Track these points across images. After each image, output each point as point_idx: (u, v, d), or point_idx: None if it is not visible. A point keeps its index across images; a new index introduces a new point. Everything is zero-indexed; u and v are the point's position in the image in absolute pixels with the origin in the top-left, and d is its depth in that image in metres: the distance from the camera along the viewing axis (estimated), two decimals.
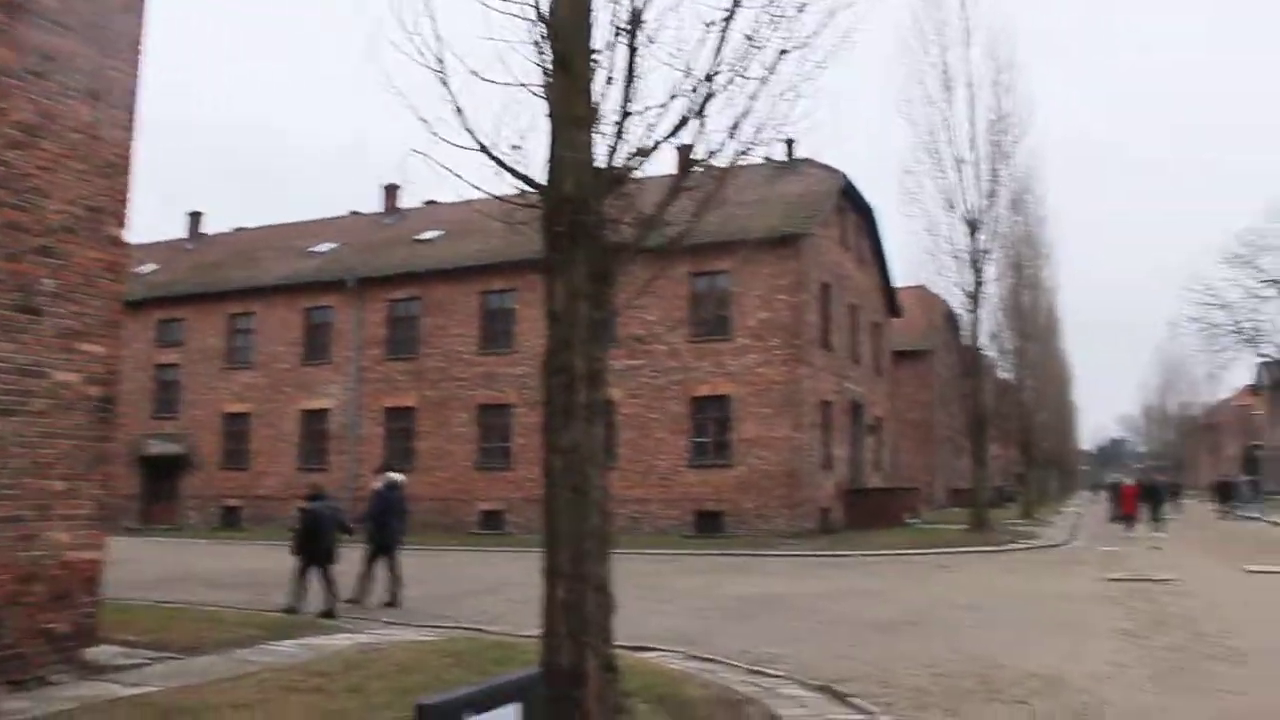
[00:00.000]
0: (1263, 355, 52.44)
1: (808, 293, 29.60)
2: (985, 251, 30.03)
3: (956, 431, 45.41)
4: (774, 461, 28.56)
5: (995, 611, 13.90)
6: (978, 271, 29.82)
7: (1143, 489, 37.91)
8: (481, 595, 16.39)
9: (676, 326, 29.27)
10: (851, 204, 35.13)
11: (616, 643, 6.46)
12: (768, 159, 34.09)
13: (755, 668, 9.52)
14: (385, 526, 15.31)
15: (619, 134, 6.39)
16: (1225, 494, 47.15)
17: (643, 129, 6.52)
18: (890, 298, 39.92)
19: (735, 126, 6.66)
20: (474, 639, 10.47)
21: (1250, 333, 49.92)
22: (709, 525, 28.74)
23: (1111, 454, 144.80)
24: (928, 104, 29.74)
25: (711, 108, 6.61)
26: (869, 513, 31.44)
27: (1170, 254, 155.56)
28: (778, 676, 9.12)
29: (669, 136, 6.59)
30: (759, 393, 28.89)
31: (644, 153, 6.55)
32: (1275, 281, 48.37)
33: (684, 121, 6.62)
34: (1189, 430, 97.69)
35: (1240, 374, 76.40)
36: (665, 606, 14.44)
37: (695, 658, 10.07)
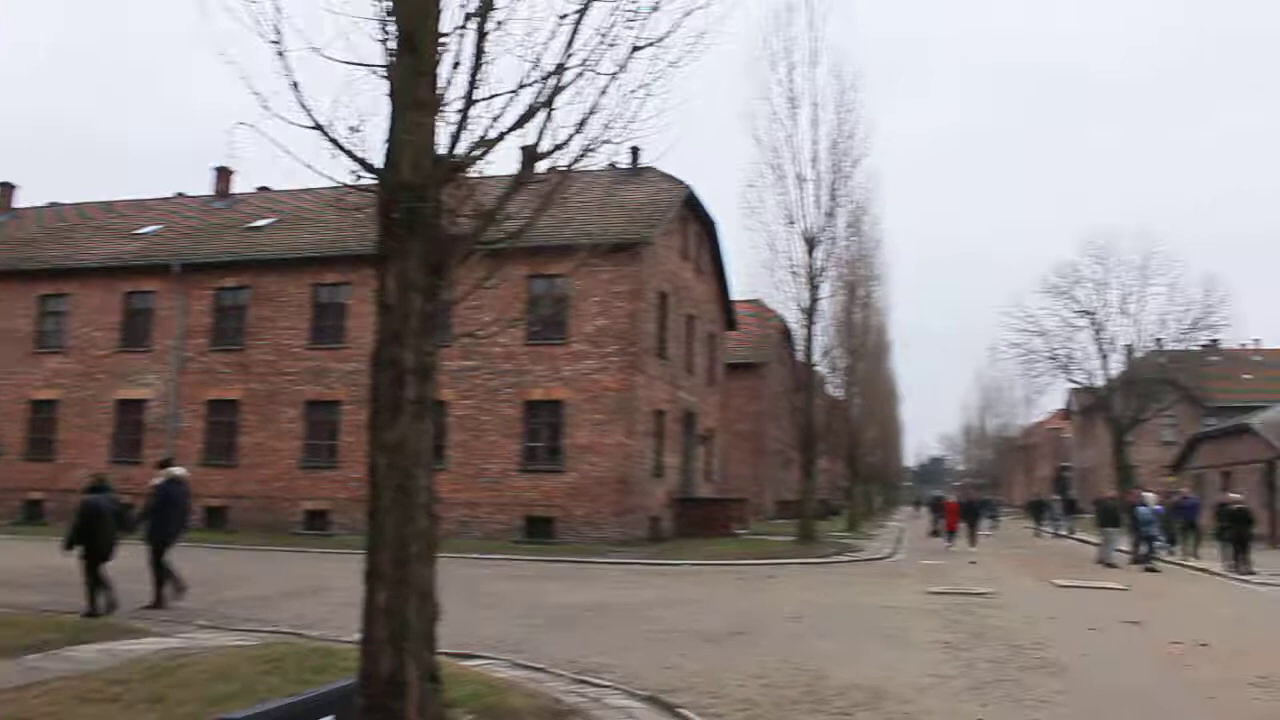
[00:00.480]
0: (1074, 381, 55.11)
1: (646, 301, 29.65)
2: (822, 269, 30.53)
3: (786, 444, 46.24)
4: (606, 468, 28.49)
5: (821, 622, 14.04)
6: (814, 288, 30.29)
7: (963, 506, 39.05)
8: (303, 598, 15.83)
9: (512, 327, 28.98)
10: (694, 214, 35.38)
11: (441, 650, 6.19)
12: (613, 165, 34.24)
13: (582, 677, 9.35)
14: (165, 523, 14.50)
15: (463, 122, 6.14)
16: (1039, 512, 49.15)
17: (488, 119, 6.30)
18: (727, 310, 40.35)
19: (583, 122, 6.49)
20: (292, 644, 10.00)
21: (1064, 359, 52.47)
22: (539, 531, 28.48)
23: (932, 471, 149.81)
24: (773, 120, 30.13)
25: (560, 101, 6.43)
26: (699, 522, 31.65)
27: (996, 278, 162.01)
28: (605, 686, 8.97)
29: (515, 128, 6.38)
30: (593, 399, 28.80)
31: (488, 143, 6.32)
32: (1088, 312, 50.91)
33: (531, 113, 6.42)
34: (1005, 450, 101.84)
35: (1054, 398, 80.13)
36: (492, 613, 14.19)
37: (522, 666, 9.85)
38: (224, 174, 39.80)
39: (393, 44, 6.04)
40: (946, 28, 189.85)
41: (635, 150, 34.08)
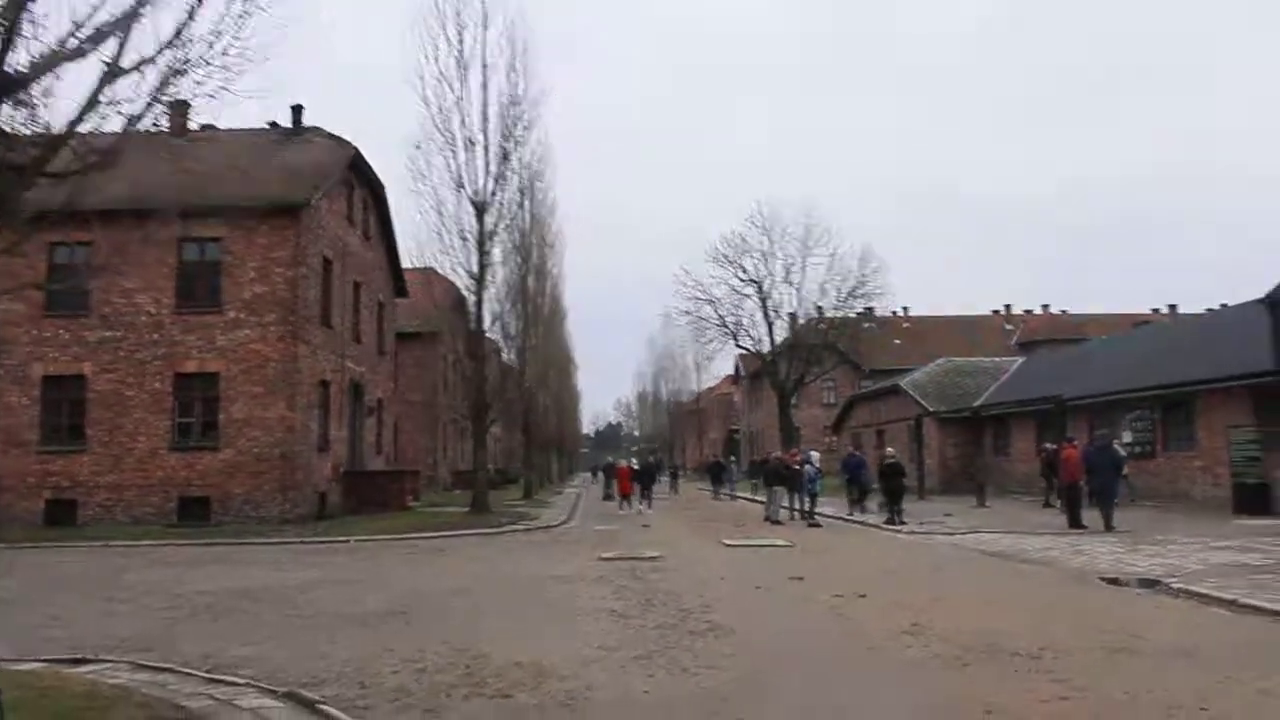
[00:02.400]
0: (742, 347, 57.09)
1: (308, 266, 28.11)
2: (492, 234, 29.99)
3: (460, 414, 45.39)
4: (266, 444, 26.87)
5: (488, 596, 13.46)
6: (484, 254, 29.71)
7: (636, 470, 39.77)
8: None
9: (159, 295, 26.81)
10: (361, 178, 33.91)
11: (50, 657, 5.12)
12: (273, 124, 32.32)
13: (216, 675, 8.31)
14: None
15: (12, 29, 5.03)
16: (716, 475, 50.58)
17: (64, 28, 5.22)
18: (397, 277, 39.05)
19: (176, 36, 5.51)
20: None
21: (733, 327, 54.23)
22: (194, 512, 26.52)
23: (610, 438, 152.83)
24: (442, 81, 29.20)
25: (148, 11, 5.43)
26: (369, 496, 30.51)
27: (669, 250, 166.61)
28: (240, 684, 7.99)
29: (93, 40, 5.33)
30: (251, 370, 27.06)
31: (59, 57, 5.24)
32: (755, 282, 52.81)
33: (120, 22, 5.38)
34: (679, 415, 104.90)
35: (724, 364, 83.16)
36: (129, 606, 12.82)
37: (147, 667, 8.67)
38: None
39: None
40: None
41: (297, 109, 32.33)
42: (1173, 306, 77.84)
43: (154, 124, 5.65)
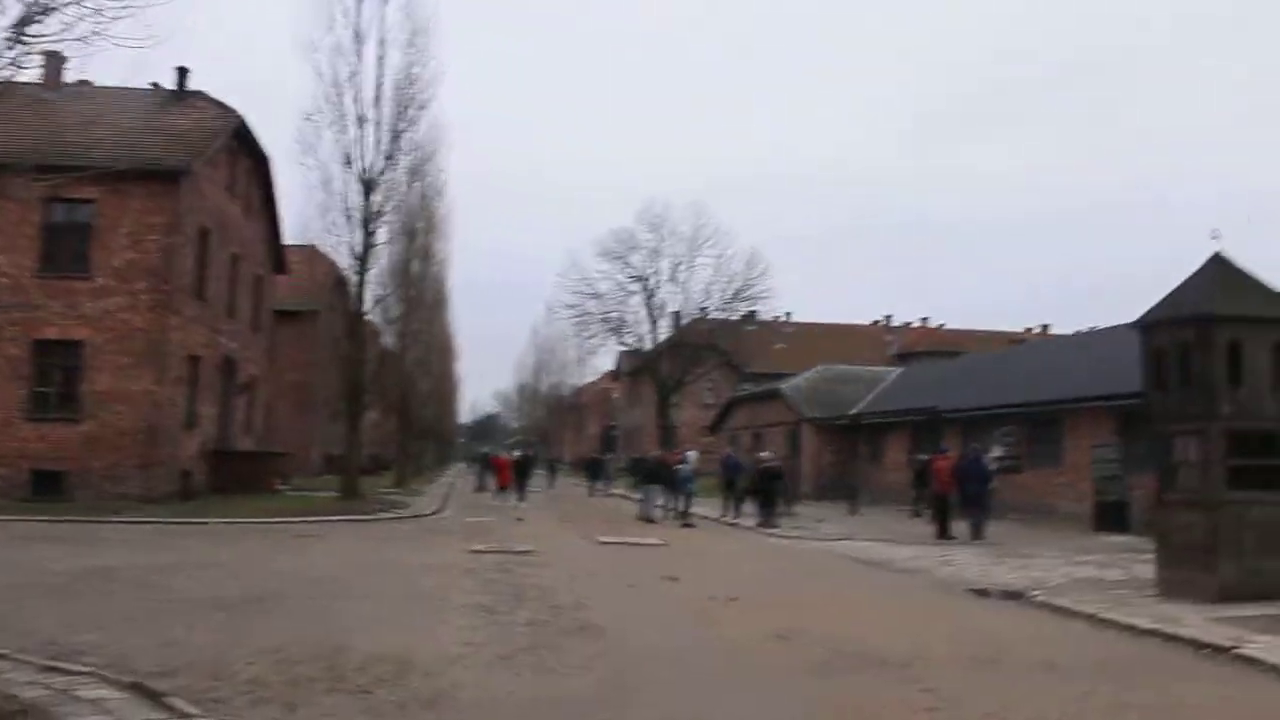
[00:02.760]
0: (624, 344, 57.17)
1: (184, 235, 27.15)
2: (379, 214, 29.31)
3: (337, 396, 44.46)
4: (131, 418, 25.85)
5: (355, 586, 13.07)
6: (369, 233, 29.04)
7: (515, 462, 39.56)
8: None
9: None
10: (245, 148, 32.90)
11: None
12: (155, 85, 31.13)
13: (56, 663, 7.82)
14: None
15: None
16: (593, 470, 50.25)
17: None
18: (278, 252, 38.02)
19: None
20: None
21: (616, 322, 54.27)
22: (48, 487, 25.29)
23: (487, 428, 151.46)
24: (336, 54, 28.42)
25: None
26: (237, 477, 29.59)
27: (560, 238, 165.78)
28: (82, 673, 7.52)
29: None
30: (118, 340, 26.01)
31: None
32: (641, 278, 52.92)
33: None
34: (557, 409, 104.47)
35: (605, 359, 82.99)
36: None
37: None
38: None
39: None
40: None
41: (182, 71, 31.22)
42: (1045, 326, 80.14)
43: (15, 67, 5.21)
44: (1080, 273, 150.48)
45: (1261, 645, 9.87)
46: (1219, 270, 13.60)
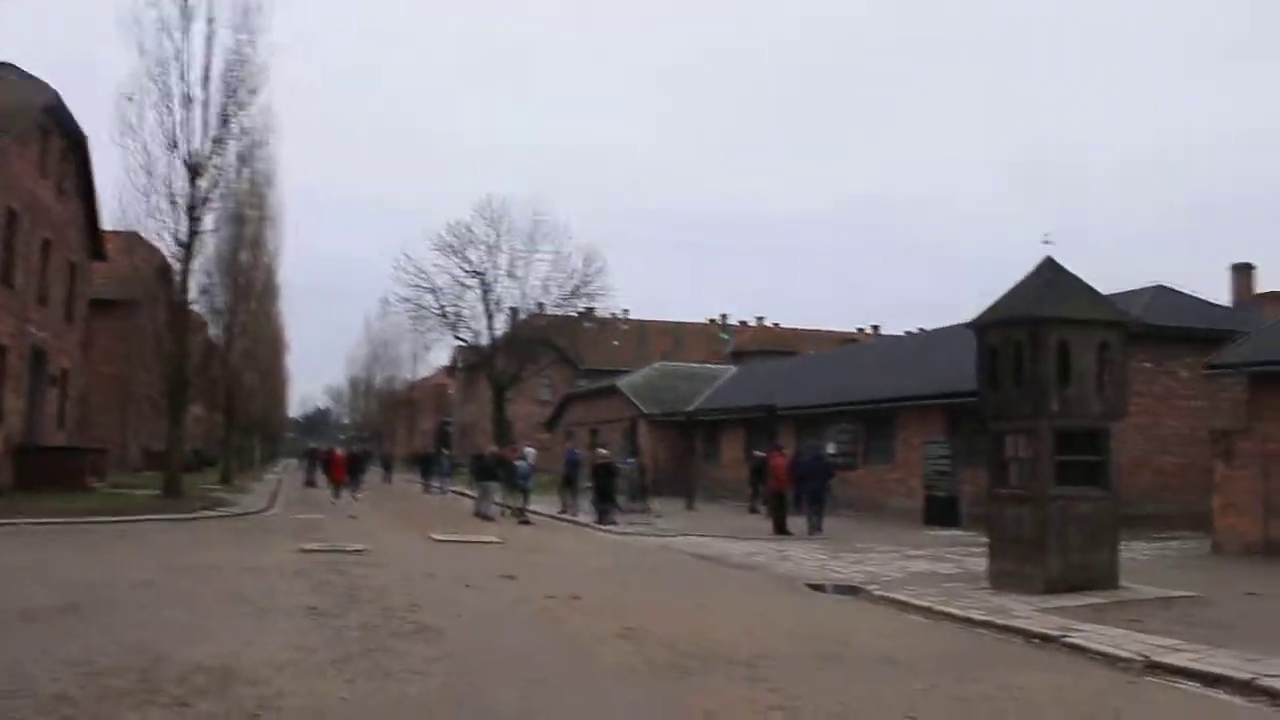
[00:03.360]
0: (460, 339, 56.27)
1: None
2: (205, 200, 27.99)
3: (158, 391, 42.58)
4: None
5: (174, 590, 12.31)
6: (194, 221, 27.70)
7: (349, 458, 38.94)
8: None
9: None
10: (60, 126, 31.04)
11: None
12: None
13: None
14: None
15: None
16: (425, 467, 49.23)
17: None
18: (95, 239, 36.04)
19: None
20: None
21: (453, 317, 53.33)
22: None
23: (318, 423, 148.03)
24: (162, 31, 27.02)
25: None
26: (47, 475, 27.85)
27: (390, 235, 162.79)
28: None
29: None
30: None
31: None
32: (478, 273, 52.16)
33: None
34: (391, 404, 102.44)
35: (441, 354, 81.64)
36: None
37: None
38: None
39: None
40: None
41: None
42: (875, 327, 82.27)
43: None
44: (907, 275, 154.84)
45: (1086, 633, 10.28)
46: (1050, 274, 14.00)
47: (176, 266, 28.95)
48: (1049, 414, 13.12)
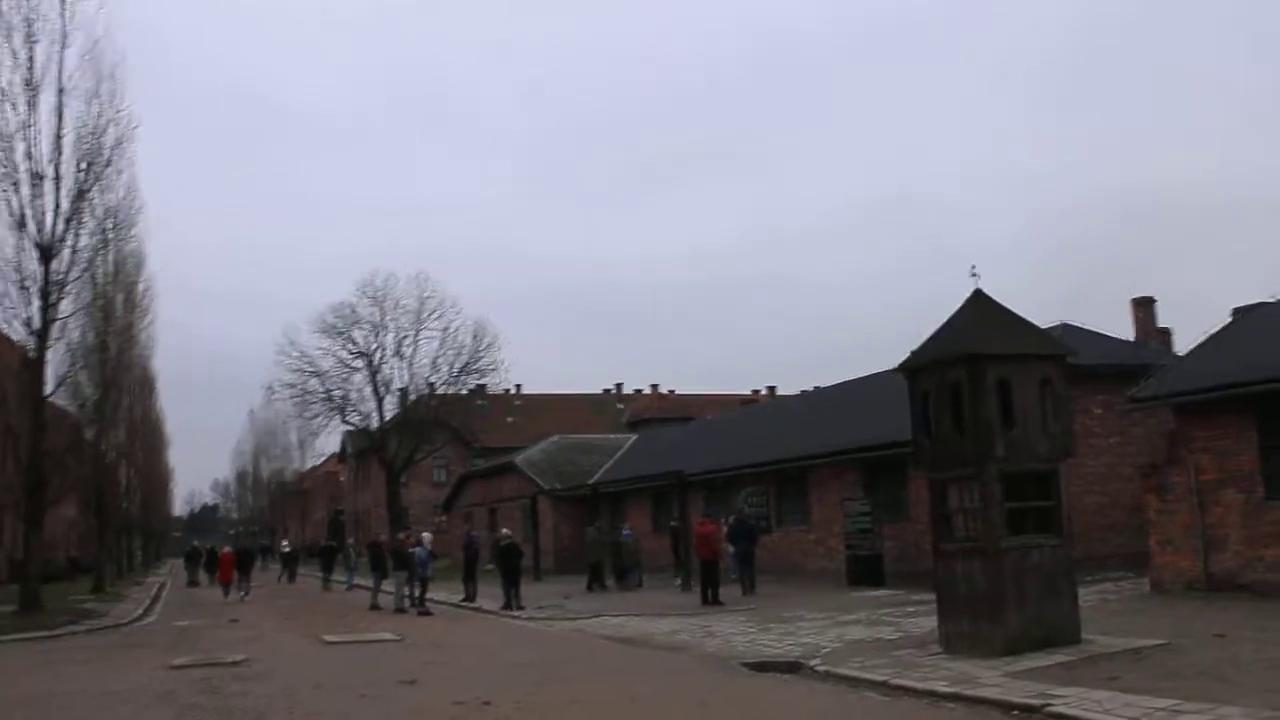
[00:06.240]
0: (349, 423, 54.25)
1: None
2: (61, 284, 25.84)
3: (18, 490, 39.67)
4: None
5: None
6: (49, 306, 25.52)
7: (238, 555, 37.13)
8: None
9: None
10: None
11: None
12: None
13: None
14: None
15: None
16: (326, 560, 45.06)
17: None
18: None
19: None
20: None
21: (340, 401, 51.39)
22: None
23: (206, 520, 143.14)
24: (4, 101, 24.98)
25: None
26: None
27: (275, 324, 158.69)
28: None
29: None
30: None
31: None
32: (364, 354, 50.40)
33: None
34: (281, 496, 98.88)
35: (330, 441, 78.89)
36: None
37: None
38: None
39: None
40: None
41: None
42: (772, 388, 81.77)
43: None
44: (798, 335, 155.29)
45: (1069, 699, 9.22)
46: (981, 307, 12.99)
47: (31, 356, 26.64)
48: (995, 458, 12.00)
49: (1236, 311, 20.83)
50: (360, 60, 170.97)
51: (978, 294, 13.06)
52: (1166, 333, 30.52)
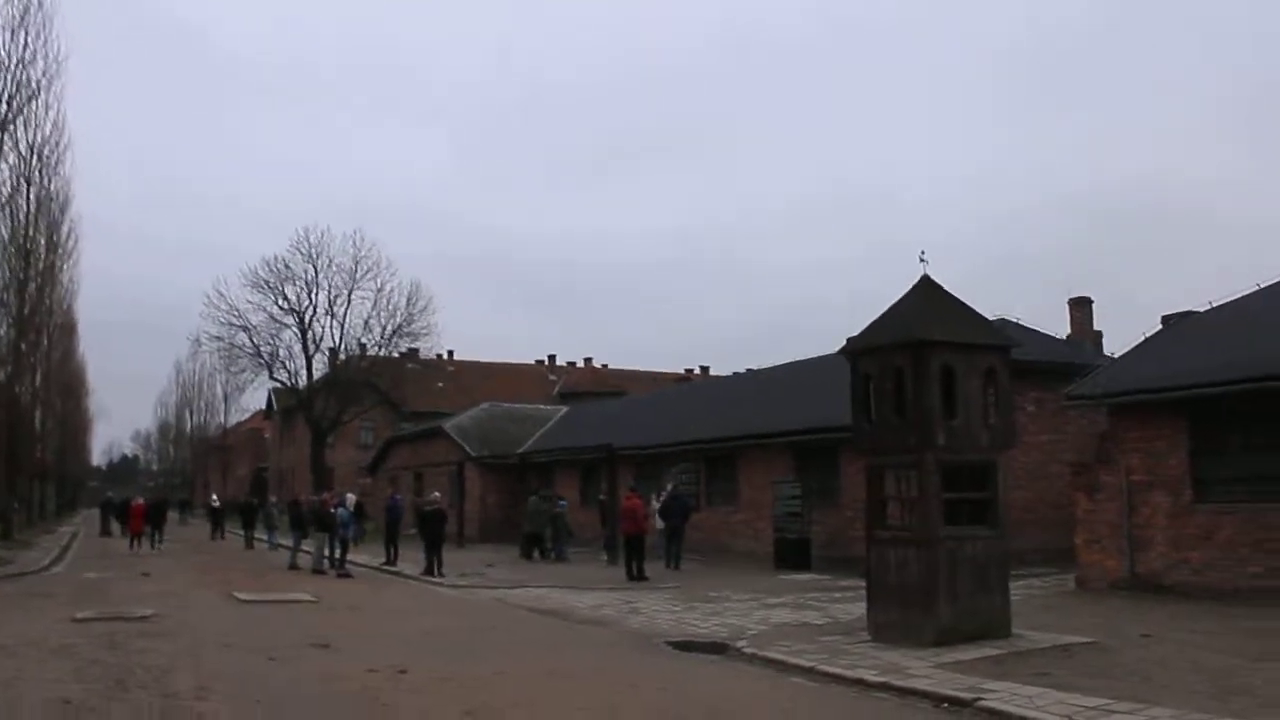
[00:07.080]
0: (277, 380, 53.19)
1: None
2: None
3: None
4: None
5: None
6: None
7: (150, 507, 36.27)
8: None
9: None
10: None
11: None
12: None
13: None
14: None
15: None
16: (247, 516, 43.64)
17: None
18: None
19: None
20: None
21: (268, 357, 50.29)
22: None
23: (125, 470, 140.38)
24: None
25: None
26: None
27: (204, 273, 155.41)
28: None
29: None
30: None
31: None
32: (296, 311, 49.36)
33: None
34: (204, 450, 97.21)
35: (256, 397, 77.58)
36: None
37: None
38: None
39: None
40: None
41: None
42: (705, 368, 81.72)
43: None
44: (742, 319, 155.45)
45: (1001, 694, 9.05)
46: (929, 294, 12.76)
47: None
48: (936, 446, 11.80)
49: (1165, 319, 20.96)
50: (312, 14, 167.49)
51: (926, 280, 12.82)
52: (1099, 335, 30.81)
